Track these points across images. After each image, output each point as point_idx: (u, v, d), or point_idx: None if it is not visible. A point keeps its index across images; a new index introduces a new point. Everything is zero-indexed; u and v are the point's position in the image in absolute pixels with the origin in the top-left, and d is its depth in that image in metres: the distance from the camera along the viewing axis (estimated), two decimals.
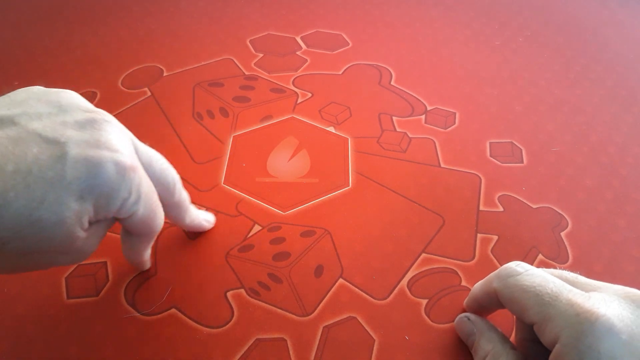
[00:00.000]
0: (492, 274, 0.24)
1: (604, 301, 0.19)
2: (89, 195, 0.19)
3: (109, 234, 0.30)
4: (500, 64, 0.43)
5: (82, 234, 0.20)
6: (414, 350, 0.26)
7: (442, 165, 0.34)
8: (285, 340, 0.26)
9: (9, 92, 0.21)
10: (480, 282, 0.26)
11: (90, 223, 0.20)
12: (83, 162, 0.19)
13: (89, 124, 0.20)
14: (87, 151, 0.19)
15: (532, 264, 0.29)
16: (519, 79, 0.41)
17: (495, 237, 0.31)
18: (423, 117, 0.38)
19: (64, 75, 0.41)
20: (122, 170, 0.20)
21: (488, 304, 0.25)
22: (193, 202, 0.32)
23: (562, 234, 0.31)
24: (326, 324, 0.27)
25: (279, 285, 0.28)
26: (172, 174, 0.25)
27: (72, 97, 0.21)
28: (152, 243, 0.26)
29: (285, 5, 0.48)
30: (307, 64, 0.42)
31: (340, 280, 0.28)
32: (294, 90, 0.39)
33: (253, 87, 0.39)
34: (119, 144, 0.20)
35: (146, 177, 0.22)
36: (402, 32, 0.46)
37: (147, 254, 0.27)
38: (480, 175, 0.34)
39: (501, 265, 0.29)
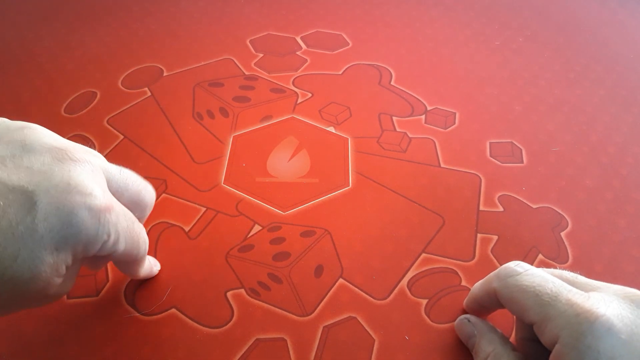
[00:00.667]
0: (491, 274, 0.24)
1: (603, 301, 0.19)
2: (65, 245, 0.18)
3: None
4: (500, 64, 0.43)
5: (58, 280, 0.19)
6: (414, 350, 0.26)
7: (442, 165, 0.34)
8: (285, 340, 0.26)
9: (9, 93, 0.21)
10: (479, 282, 0.26)
11: (67, 267, 0.19)
12: (55, 212, 0.18)
13: (56, 165, 0.19)
14: (57, 199, 0.18)
15: (532, 264, 0.29)
16: (519, 79, 0.41)
17: (495, 237, 0.31)
18: (423, 117, 0.38)
19: (64, 75, 0.41)
20: (97, 214, 0.19)
21: (488, 304, 0.25)
22: (193, 201, 0.32)
23: (562, 234, 0.31)
24: (326, 324, 0.27)
25: (279, 285, 0.28)
26: (149, 195, 0.24)
27: (36, 134, 0.20)
28: (144, 262, 0.25)
29: (285, 5, 0.48)
30: (307, 64, 0.42)
31: (340, 280, 0.28)
32: (294, 90, 0.39)
33: (253, 87, 0.39)
34: (91, 184, 0.19)
35: (122, 210, 0.21)
36: (402, 32, 0.46)
37: (144, 268, 0.26)
38: (480, 175, 0.34)
39: (501, 265, 0.29)
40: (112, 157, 0.34)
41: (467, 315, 0.26)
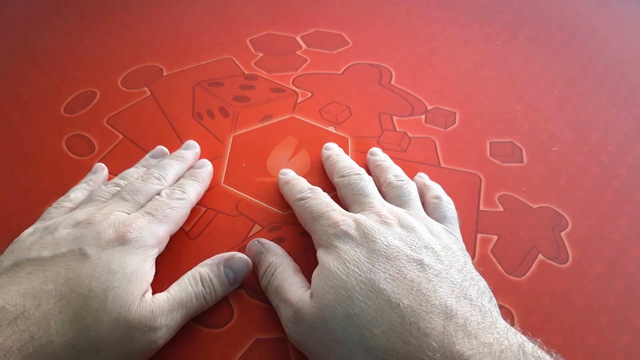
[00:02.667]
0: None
1: (350, 217, 0.25)
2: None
3: None
4: (500, 64, 0.43)
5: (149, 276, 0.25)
6: None
7: (442, 165, 0.34)
8: (285, 340, 0.26)
9: (9, 92, 0.21)
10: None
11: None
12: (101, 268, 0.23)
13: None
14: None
15: (532, 264, 0.29)
16: (519, 79, 0.41)
17: (495, 237, 0.31)
18: (423, 116, 0.38)
19: (63, 74, 0.41)
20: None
21: None
22: None
23: (562, 233, 0.31)
24: None
25: None
26: None
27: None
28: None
29: (285, 5, 0.48)
30: (307, 63, 0.42)
31: None
32: (294, 90, 0.39)
33: (253, 87, 0.39)
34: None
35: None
36: (402, 31, 0.46)
37: None
38: (480, 175, 0.34)
39: (501, 265, 0.30)
40: (111, 157, 0.34)
41: (258, 238, 0.28)
